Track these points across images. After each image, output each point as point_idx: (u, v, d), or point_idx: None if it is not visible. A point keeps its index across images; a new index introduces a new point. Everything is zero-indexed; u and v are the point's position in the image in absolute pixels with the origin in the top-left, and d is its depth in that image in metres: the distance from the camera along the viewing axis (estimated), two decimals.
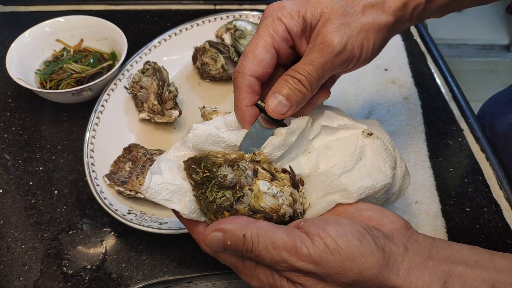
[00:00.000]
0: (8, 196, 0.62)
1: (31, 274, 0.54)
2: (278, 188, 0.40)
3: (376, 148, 0.43)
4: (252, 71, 0.41)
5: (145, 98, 0.69)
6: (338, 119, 0.46)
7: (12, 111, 0.72)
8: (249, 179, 0.40)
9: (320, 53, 0.40)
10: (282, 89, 0.41)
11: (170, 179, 0.40)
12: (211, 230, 0.37)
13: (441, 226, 0.60)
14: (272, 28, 0.41)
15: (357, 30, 0.41)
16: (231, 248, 0.36)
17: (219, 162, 0.40)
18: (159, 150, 0.65)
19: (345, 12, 0.41)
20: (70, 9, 0.89)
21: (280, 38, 0.41)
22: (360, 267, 0.34)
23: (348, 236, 0.35)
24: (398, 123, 0.72)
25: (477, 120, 0.73)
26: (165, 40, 0.78)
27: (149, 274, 0.54)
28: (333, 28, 0.40)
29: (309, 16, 0.41)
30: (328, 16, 0.41)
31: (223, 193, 0.39)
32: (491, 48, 2.44)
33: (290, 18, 0.41)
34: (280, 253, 0.34)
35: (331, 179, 0.41)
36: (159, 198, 0.39)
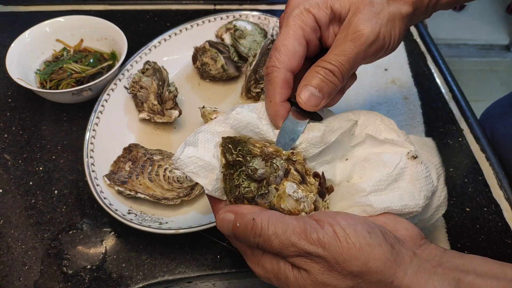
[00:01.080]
0: (8, 196, 0.62)
1: (31, 274, 0.54)
2: (304, 193, 0.40)
3: (416, 174, 0.41)
4: (288, 65, 0.41)
5: (145, 98, 0.69)
6: (386, 132, 0.44)
7: (12, 111, 0.72)
8: (278, 179, 0.40)
9: (353, 43, 0.40)
10: (314, 81, 0.41)
11: (201, 154, 0.40)
12: (224, 211, 0.37)
13: (441, 226, 0.60)
14: (301, 20, 0.41)
15: (386, 19, 0.41)
16: (240, 231, 0.36)
17: (255, 152, 0.40)
18: (159, 150, 0.65)
19: (372, 1, 0.41)
20: (70, 9, 0.89)
21: (310, 29, 0.41)
22: (367, 256, 0.34)
23: (357, 226, 0.35)
24: (398, 123, 0.71)
25: (477, 120, 0.73)
26: (165, 40, 0.78)
27: (149, 274, 0.54)
28: (364, 17, 0.40)
29: (338, 6, 0.41)
30: (357, 6, 0.41)
31: (249, 184, 0.39)
32: (491, 48, 2.44)
33: (318, 8, 0.41)
34: (289, 237, 0.34)
35: (359, 194, 0.40)
36: (187, 170, 0.40)
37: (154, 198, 0.58)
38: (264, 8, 0.91)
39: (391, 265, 0.34)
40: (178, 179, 0.60)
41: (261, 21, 0.80)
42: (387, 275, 0.34)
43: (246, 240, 0.36)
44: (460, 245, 0.58)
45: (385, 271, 0.34)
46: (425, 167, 0.41)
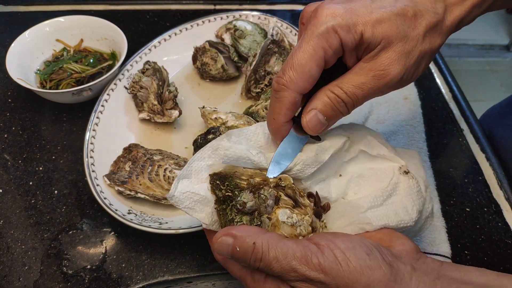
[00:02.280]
0: (8, 196, 0.62)
1: (31, 274, 0.54)
2: (299, 216, 0.40)
3: (409, 189, 0.42)
4: (300, 87, 0.38)
5: (145, 98, 0.69)
6: (377, 147, 0.44)
7: (12, 111, 0.72)
8: (268, 209, 0.39)
9: (375, 80, 0.38)
10: (324, 108, 0.39)
11: (195, 188, 0.41)
12: (221, 234, 0.36)
13: (441, 226, 0.60)
14: (326, 40, 0.37)
15: (415, 59, 0.39)
16: (239, 255, 0.35)
17: (242, 185, 0.40)
18: (159, 150, 0.65)
19: (407, 36, 0.37)
20: (70, 9, 0.89)
21: (333, 52, 0.37)
22: (368, 279, 0.33)
23: (357, 250, 0.35)
24: (398, 123, 0.72)
25: (477, 120, 0.73)
26: (165, 40, 0.78)
27: (149, 274, 0.54)
28: (394, 56, 0.37)
29: (369, 35, 0.37)
30: (390, 40, 0.37)
31: (241, 217, 0.40)
32: (491, 48, 2.44)
33: (347, 31, 0.37)
34: (290, 262, 0.34)
35: (357, 211, 0.41)
36: (183, 206, 0.40)
37: (154, 198, 0.58)
38: (264, 8, 0.91)
39: (392, 285, 0.34)
40: None
41: (261, 21, 0.80)
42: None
43: (246, 264, 0.36)
44: (460, 245, 0.58)
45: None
46: (416, 181, 0.43)
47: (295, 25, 0.78)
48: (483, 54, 2.41)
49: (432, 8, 0.38)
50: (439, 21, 0.39)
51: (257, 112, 0.66)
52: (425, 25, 0.38)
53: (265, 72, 0.72)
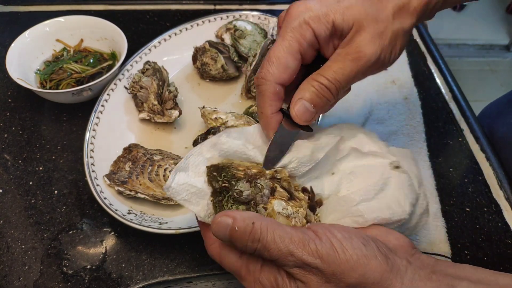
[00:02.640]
0: (8, 196, 0.62)
1: (31, 274, 0.54)
2: (294, 208, 0.40)
3: (401, 182, 0.43)
4: (278, 78, 0.40)
5: (145, 98, 0.69)
6: (369, 145, 0.45)
7: (12, 111, 0.72)
8: (264, 198, 0.40)
9: (353, 62, 0.39)
10: (309, 96, 0.40)
11: (192, 181, 0.41)
12: (220, 215, 0.36)
13: (441, 226, 0.60)
14: (299, 33, 0.39)
15: (389, 39, 0.40)
16: (237, 236, 0.35)
17: (238, 175, 0.41)
18: (159, 150, 0.65)
19: (377, 18, 0.39)
20: (70, 9, 0.89)
21: (307, 44, 0.40)
22: (364, 268, 0.34)
23: (353, 240, 0.35)
24: (398, 123, 0.72)
25: (477, 120, 0.73)
26: (165, 40, 0.78)
27: (149, 274, 0.54)
28: (368, 37, 0.39)
29: (340, 21, 0.39)
30: (361, 23, 0.39)
31: (237, 207, 0.40)
32: (491, 48, 2.44)
33: (319, 22, 0.39)
34: (287, 246, 0.34)
35: (349, 204, 0.42)
36: (179, 198, 0.40)
37: (154, 198, 0.58)
38: (264, 8, 0.91)
39: (388, 276, 0.34)
40: None
41: (261, 21, 0.80)
42: (384, 285, 0.34)
43: (243, 245, 0.36)
44: (460, 245, 0.58)
45: (382, 282, 0.34)
46: (407, 176, 0.43)
47: None
48: (483, 54, 2.42)
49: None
50: (405, 3, 0.41)
51: (257, 112, 0.66)
52: (392, 7, 0.40)
53: None
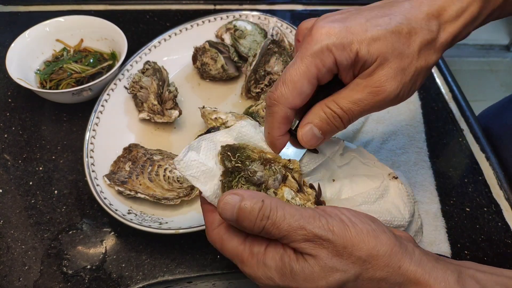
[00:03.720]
0: (8, 196, 0.62)
1: (31, 274, 0.54)
2: (302, 201, 0.40)
3: (399, 192, 0.44)
4: (291, 103, 0.39)
5: (145, 98, 0.69)
6: (368, 156, 0.47)
7: (12, 111, 0.72)
8: (276, 183, 0.40)
9: (371, 96, 0.38)
10: (319, 121, 0.40)
11: (204, 159, 0.40)
12: (228, 193, 0.35)
13: (441, 226, 0.60)
14: (320, 59, 0.37)
15: (411, 76, 0.39)
16: (245, 214, 0.34)
17: (253, 157, 0.41)
18: (159, 150, 0.65)
19: (402, 53, 0.38)
20: (70, 9, 0.89)
21: (326, 70, 0.38)
22: (375, 240, 0.34)
23: (361, 217, 0.36)
24: (398, 123, 0.72)
25: (477, 120, 0.73)
26: (165, 40, 0.78)
27: (149, 274, 0.54)
28: (391, 73, 0.38)
29: (365, 52, 0.37)
30: (386, 57, 0.37)
31: (248, 187, 0.39)
32: (491, 48, 2.43)
33: (342, 50, 0.37)
34: (298, 220, 0.34)
35: (351, 205, 0.42)
36: (188, 173, 0.40)
37: (154, 198, 0.58)
38: (264, 8, 0.91)
39: (398, 250, 0.34)
40: (178, 179, 0.60)
41: (261, 21, 0.80)
42: (394, 260, 0.34)
43: (250, 224, 0.35)
44: (460, 245, 0.58)
45: (392, 255, 0.34)
46: (406, 187, 0.44)
47: (295, 25, 0.78)
48: (483, 54, 2.41)
49: (426, 26, 0.39)
50: (433, 38, 0.39)
51: (257, 112, 0.66)
52: (420, 42, 0.38)
53: (265, 72, 0.72)
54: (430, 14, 0.39)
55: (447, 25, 0.40)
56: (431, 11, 0.39)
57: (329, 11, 0.92)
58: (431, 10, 0.39)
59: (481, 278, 0.35)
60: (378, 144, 0.68)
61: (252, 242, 0.37)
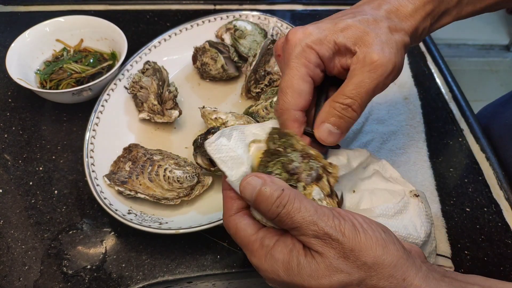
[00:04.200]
0: (8, 196, 0.62)
1: (31, 274, 0.54)
2: (329, 205, 0.41)
3: (419, 210, 0.44)
4: (295, 105, 0.41)
5: (145, 98, 0.69)
6: (390, 171, 0.47)
7: (12, 111, 0.72)
8: (309, 179, 0.40)
9: (372, 73, 0.40)
10: (332, 118, 0.41)
11: (234, 146, 0.41)
12: (252, 175, 0.37)
13: (441, 226, 0.60)
14: (304, 57, 0.40)
15: (396, 48, 0.41)
16: (264, 197, 0.36)
17: (296, 147, 0.41)
18: (159, 150, 0.65)
19: (376, 31, 0.41)
20: (70, 9, 0.89)
21: (314, 66, 0.41)
22: (382, 250, 0.34)
23: (374, 225, 0.36)
24: (398, 123, 0.72)
25: (477, 120, 0.73)
26: (165, 40, 0.78)
27: (149, 274, 0.54)
28: (378, 48, 0.40)
29: (342, 39, 0.40)
30: (364, 39, 0.40)
31: (281, 172, 0.40)
32: (491, 48, 2.43)
33: (321, 44, 0.40)
34: (312, 216, 0.35)
35: (368, 215, 0.42)
36: (217, 156, 0.40)
37: (154, 198, 0.58)
38: (264, 8, 0.91)
39: (404, 263, 0.35)
40: (178, 179, 0.60)
41: (261, 21, 0.80)
42: (399, 271, 0.34)
43: (266, 208, 0.36)
44: (460, 245, 0.58)
45: (398, 266, 0.34)
46: (426, 206, 0.45)
47: (295, 25, 0.78)
48: (483, 54, 2.41)
49: (387, 19, 0.43)
50: (396, 25, 0.43)
51: (257, 112, 0.66)
52: (387, 27, 0.42)
53: (265, 72, 0.72)
54: (390, 12, 0.44)
55: (405, 20, 0.44)
56: (391, 9, 0.44)
57: (329, 11, 0.93)
58: (391, 9, 0.44)
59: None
60: (378, 144, 0.68)
61: (264, 235, 0.38)
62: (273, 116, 0.65)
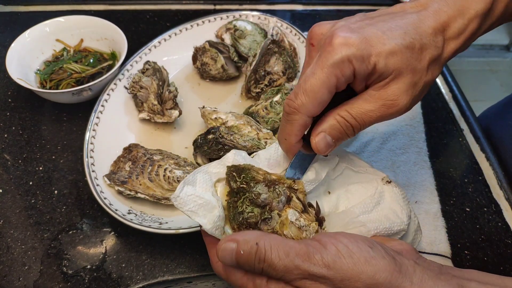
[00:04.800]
0: (8, 196, 0.62)
1: (31, 274, 0.54)
2: (306, 221, 0.41)
3: (395, 195, 0.45)
4: (310, 111, 0.40)
5: (145, 98, 0.69)
6: (359, 164, 0.47)
7: (12, 111, 0.72)
8: (280, 205, 0.41)
9: (384, 108, 0.40)
10: (331, 129, 0.41)
11: (200, 193, 0.41)
12: (224, 241, 0.37)
13: (441, 226, 0.60)
14: (340, 69, 0.38)
15: (420, 90, 0.41)
16: (244, 259, 0.36)
17: (258, 178, 0.42)
18: (159, 150, 0.65)
19: (414, 68, 0.39)
20: (70, 9, 0.89)
21: (345, 80, 0.39)
22: (373, 269, 0.34)
23: (359, 243, 0.35)
24: (398, 123, 0.72)
25: (477, 120, 0.73)
26: (165, 40, 0.78)
27: (149, 274, 0.54)
28: (403, 88, 0.39)
29: (382, 66, 0.38)
30: (401, 71, 0.39)
31: (253, 209, 0.40)
32: (491, 48, 2.43)
33: (361, 62, 0.38)
34: (292, 260, 0.34)
35: (350, 217, 0.43)
36: (186, 209, 0.40)
37: (154, 198, 0.58)
38: (264, 8, 0.91)
39: (398, 275, 0.34)
40: (178, 179, 0.60)
41: (261, 21, 0.80)
42: (394, 285, 0.34)
43: (250, 267, 0.36)
44: (460, 245, 0.58)
45: (392, 281, 0.34)
46: (400, 189, 0.45)
47: (295, 25, 0.78)
48: (483, 54, 2.41)
49: (434, 42, 0.40)
50: (439, 54, 0.41)
51: (257, 112, 0.66)
52: (429, 58, 0.40)
53: (265, 72, 0.72)
54: (437, 30, 0.40)
55: (450, 41, 0.41)
56: (437, 26, 0.40)
57: (329, 11, 0.93)
58: (437, 26, 0.40)
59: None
60: (378, 144, 0.68)
61: (253, 274, 0.37)
62: (272, 116, 0.65)
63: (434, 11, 0.41)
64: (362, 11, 0.94)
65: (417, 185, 0.64)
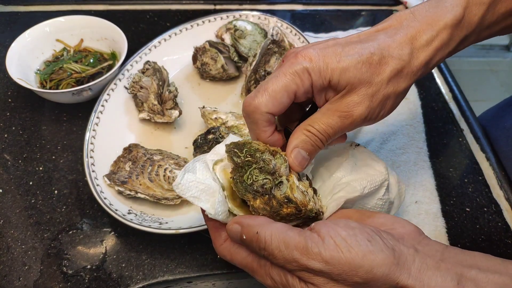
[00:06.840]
0: (8, 196, 0.62)
1: (31, 274, 0.54)
2: (304, 188, 0.43)
3: (367, 153, 0.48)
4: (270, 109, 0.42)
5: (145, 98, 0.69)
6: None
7: (12, 111, 0.72)
8: (287, 170, 0.42)
9: (341, 119, 0.42)
10: (303, 144, 0.43)
11: (201, 179, 0.41)
12: (232, 222, 0.39)
13: (441, 226, 0.60)
14: (300, 78, 0.41)
15: (378, 101, 0.42)
16: (247, 243, 0.38)
17: (261, 149, 0.42)
18: (159, 150, 0.65)
19: (370, 82, 0.41)
20: (70, 9, 0.89)
21: (304, 90, 0.42)
22: (371, 263, 0.34)
23: (358, 236, 0.36)
24: (398, 123, 0.72)
25: (477, 120, 0.73)
26: (165, 40, 0.78)
27: (149, 274, 0.54)
28: (356, 100, 0.41)
29: (336, 81, 0.41)
30: (354, 85, 0.41)
31: (265, 176, 0.40)
32: (491, 48, 2.43)
33: (318, 75, 0.41)
34: (291, 253, 0.35)
35: (334, 182, 0.45)
36: (188, 195, 0.41)
37: (154, 198, 0.58)
38: (264, 8, 0.91)
39: (395, 268, 0.35)
40: None
41: (261, 21, 0.80)
42: (392, 278, 0.34)
43: (254, 250, 0.38)
44: (460, 245, 0.58)
45: (390, 275, 0.34)
46: (365, 149, 0.49)
47: (295, 25, 0.78)
48: (483, 54, 2.41)
49: (398, 55, 0.42)
50: (403, 66, 0.42)
51: None
52: (389, 71, 0.42)
53: (265, 72, 0.72)
54: (403, 42, 0.42)
55: (420, 51, 0.43)
56: (404, 39, 0.42)
57: (329, 11, 0.93)
58: (405, 39, 0.42)
59: (482, 280, 0.35)
60: (378, 144, 0.69)
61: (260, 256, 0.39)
62: None
63: (403, 27, 0.43)
64: (362, 11, 0.95)
65: (417, 185, 0.64)
